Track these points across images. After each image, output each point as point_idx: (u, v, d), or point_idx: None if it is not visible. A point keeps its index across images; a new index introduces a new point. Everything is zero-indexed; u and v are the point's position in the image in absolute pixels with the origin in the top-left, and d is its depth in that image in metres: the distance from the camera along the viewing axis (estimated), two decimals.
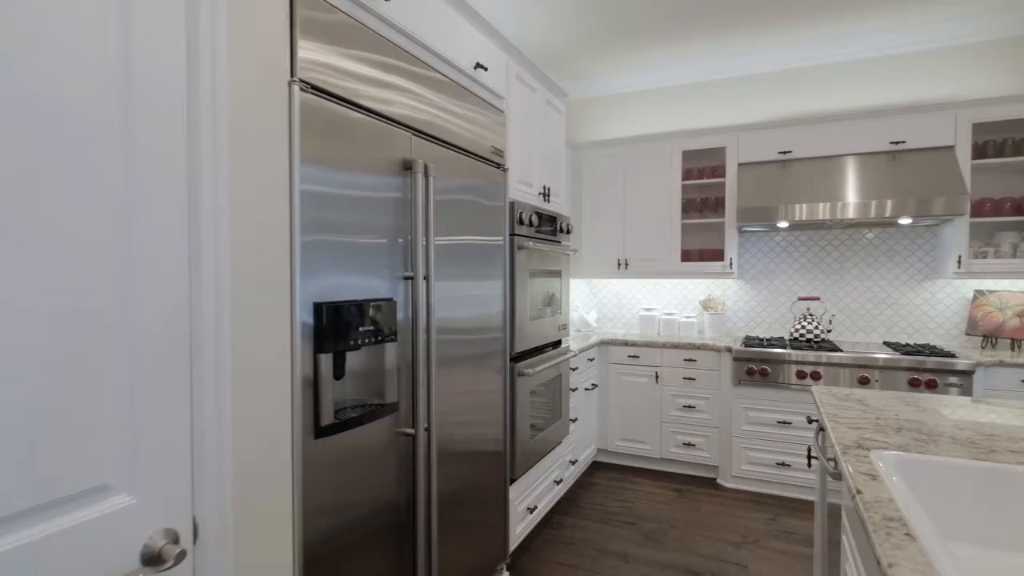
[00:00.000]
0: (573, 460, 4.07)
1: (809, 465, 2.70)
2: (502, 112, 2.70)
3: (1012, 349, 4.02)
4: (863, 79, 4.57)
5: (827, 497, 2.36)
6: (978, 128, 4.11)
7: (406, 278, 1.93)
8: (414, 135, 1.99)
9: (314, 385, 1.52)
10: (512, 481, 2.93)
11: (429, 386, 2.02)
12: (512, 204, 2.88)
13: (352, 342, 1.63)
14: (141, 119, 0.99)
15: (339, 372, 1.62)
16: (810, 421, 2.69)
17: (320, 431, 1.53)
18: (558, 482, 3.68)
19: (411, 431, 1.94)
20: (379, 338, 1.75)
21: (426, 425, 2.01)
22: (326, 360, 1.54)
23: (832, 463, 1.76)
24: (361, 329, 1.66)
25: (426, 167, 1.98)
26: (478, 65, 2.45)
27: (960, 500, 1.50)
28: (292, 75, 1.45)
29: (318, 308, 1.52)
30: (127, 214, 0.97)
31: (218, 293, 1.14)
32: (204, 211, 1.12)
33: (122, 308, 0.96)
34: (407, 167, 1.92)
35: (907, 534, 1.13)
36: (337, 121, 1.60)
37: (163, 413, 1.03)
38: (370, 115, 1.76)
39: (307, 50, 1.50)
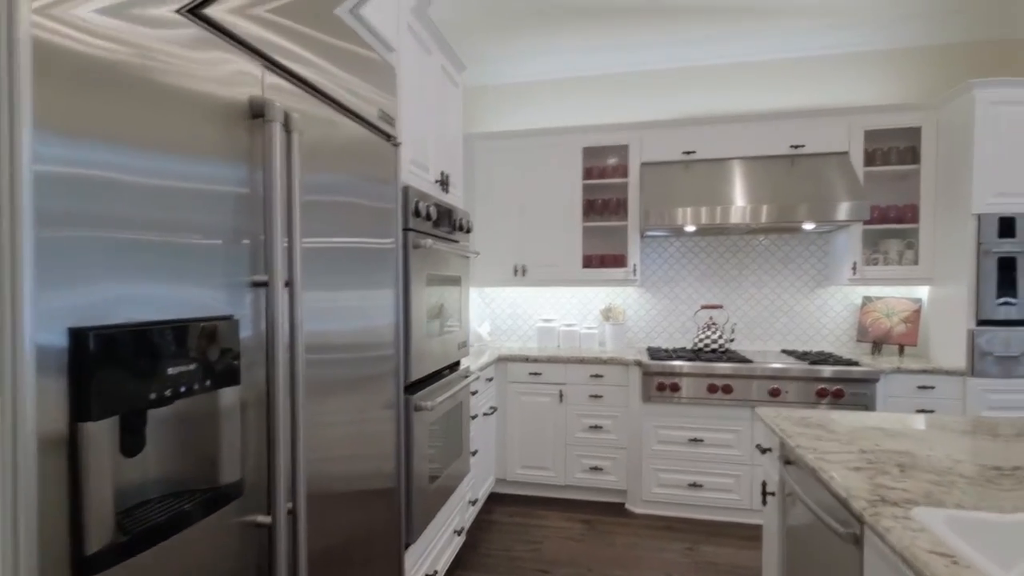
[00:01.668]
0: (473, 500, 3.47)
1: (764, 503, 2.29)
2: (392, 68, 2.06)
3: (899, 354, 4.12)
4: (766, 81, 4.48)
5: (788, 521, 2.02)
6: (868, 135, 4.08)
7: (256, 284, 1.26)
8: (268, 67, 1.32)
9: (73, 480, 0.83)
10: (408, 546, 2.28)
11: (295, 442, 1.35)
12: (406, 190, 2.25)
13: (155, 394, 0.95)
14: None
15: (133, 445, 0.95)
16: (763, 451, 2.29)
17: (86, 565, 0.84)
18: (459, 532, 3.07)
19: (266, 520, 1.26)
20: (208, 382, 1.07)
21: (290, 506, 1.34)
22: (99, 431, 0.86)
23: (843, 517, 1.36)
24: (172, 370, 0.98)
25: (287, 116, 1.32)
26: None
27: None
28: None
29: (80, 337, 0.83)
30: None
31: None
32: None
33: None
34: (257, 113, 1.25)
35: None
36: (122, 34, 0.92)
37: None
38: (190, 17, 1.09)
39: None
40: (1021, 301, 3.52)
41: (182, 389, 1.01)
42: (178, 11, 1.06)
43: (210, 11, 1.13)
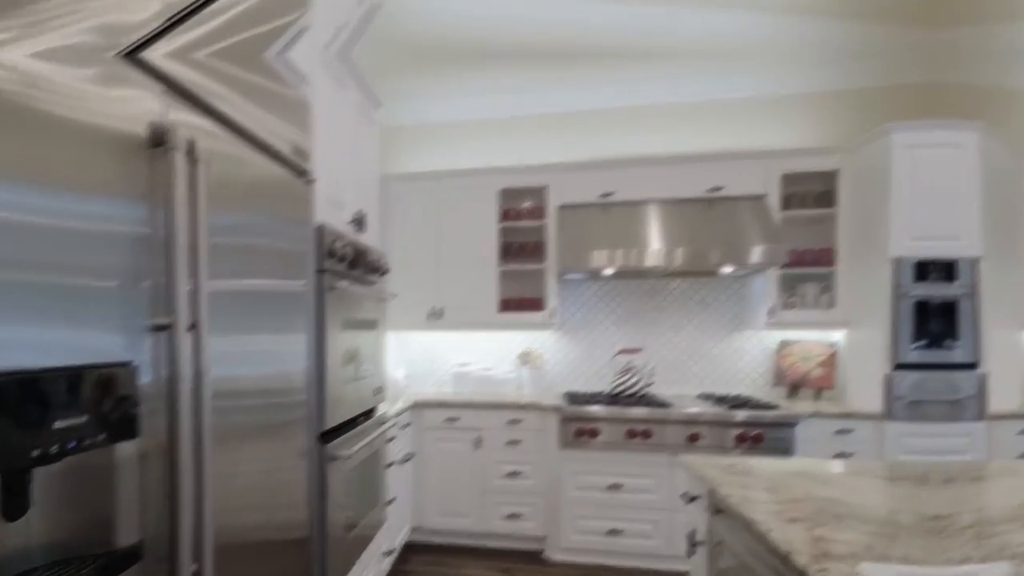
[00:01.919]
0: (389, 551, 3.33)
1: (692, 553, 2.26)
2: (307, 103, 2.01)
3: (817, 398, 4.15)
4: (684, 124, 4.55)
5: (717, 572, 1.98)
6: (786, 179, 4.12)
7: (158, 328, 1.17)
8: (172, 97, 1.25)
9: None
10: None
11: (200, 497, 1.25)
12: (320, 229, 2.18)
13: (40, 450, 0.85)
14: None
15: (15, 508, 0.84)
16: (689, 499, 2.27)
17: None
18: None
19: None
20: (102, 435, 0.98)
21: (195, 567, 1.23)
22: None
23: (779, 568, 1.35)
24: (61, 423, 0.89)
25: (192, 144, 1.25)
26: None
27: None
28: None
29: None
30: None
31: None
32: None
33: None
34: (158, 142, 1.17)
35: None
36: None
37: None
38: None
39: None
40: (937, 345, 3.53)
41: (72, 444, 0.91)
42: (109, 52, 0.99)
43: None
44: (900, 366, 3.57)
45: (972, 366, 3.54)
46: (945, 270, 3.56)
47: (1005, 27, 3.71)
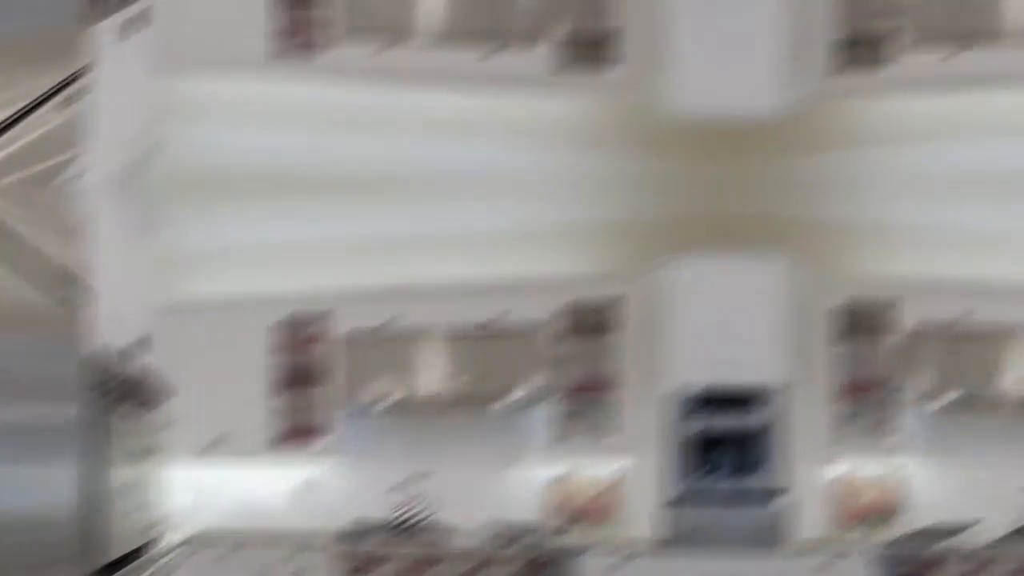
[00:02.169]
0: None
1: None
2: (83, 227, 2.02)
3: (596, 529, 4.04)
4: (470, 252, 4.48)
5: None
6: (570, 306, 4.17)
7: None
8: None
9: None
10: None
11: None
12: (96, 355, 2.14)
13: None
14: None
15: None
16: None
17: None
18: None
19: None
20: None
21: None
22: None
23: None
24: None
25: None
26: None
27: None
28: None
29: None
30: None
31: None
32: None
33: None
34: None
35: None
36: None
37: None
38: None
39: None
40: (729, 475, 3.52)
41: None
42: None
43: None
44: (684, 497, 3.55)
45: (770, 496, 3.50)
46: (742, 399, 3.50)
47: (808, 159, 3.89)
